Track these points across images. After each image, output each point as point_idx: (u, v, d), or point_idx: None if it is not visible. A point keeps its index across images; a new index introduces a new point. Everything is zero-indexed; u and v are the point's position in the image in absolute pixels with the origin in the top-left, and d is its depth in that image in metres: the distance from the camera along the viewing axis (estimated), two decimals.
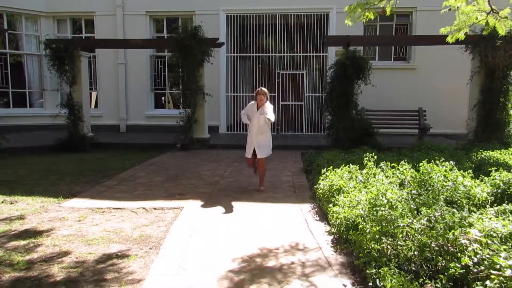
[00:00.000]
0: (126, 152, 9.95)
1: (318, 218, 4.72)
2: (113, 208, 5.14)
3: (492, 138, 8.93)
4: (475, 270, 2.58)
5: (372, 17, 5.66)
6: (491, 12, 5.48)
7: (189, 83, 10.33)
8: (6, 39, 13.64)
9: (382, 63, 13.09)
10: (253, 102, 6.01)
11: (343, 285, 3.03)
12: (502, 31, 5.75)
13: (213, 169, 7.86)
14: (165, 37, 13.64)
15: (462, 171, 5.14)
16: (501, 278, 2.31)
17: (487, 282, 2.38)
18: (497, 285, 2.31)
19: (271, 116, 5.70)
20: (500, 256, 2.51)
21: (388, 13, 5.43)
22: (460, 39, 5.91)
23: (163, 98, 15.08)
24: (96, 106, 14.48)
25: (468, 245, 2.86)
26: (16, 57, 14.14)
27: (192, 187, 6.35)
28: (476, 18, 5.61)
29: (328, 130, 10.44)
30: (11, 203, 5.33)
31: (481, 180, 5.05)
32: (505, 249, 2.84)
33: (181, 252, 3.66)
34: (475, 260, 2.67)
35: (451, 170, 5.14)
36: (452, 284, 2.66)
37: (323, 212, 4.83)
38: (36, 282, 3.05)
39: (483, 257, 2.66)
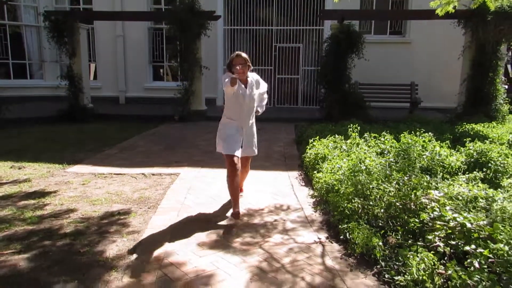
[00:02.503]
0: (125, 123, 10.27)
1: (303, 184, 5.12)
2: (114, 174, 5.52)
3: (479, 112, 9.25)
4: (430, 224, 2.98)
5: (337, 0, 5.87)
6: None
7: (186, 55, 10.54)
8: (5, 10, 13.70)
9: (378, 37, 13.23)
10: (228, 76, 3.72)
11: (318, 237, 3.44)
12: (492, 6, 5.97)
13: (209, 140, 8.20)
14: (163, 9, 13.71)
15: (439, 142, 5.50)
16: (446, 228, 2.70)
17: (436, 232, 2.78)
18: (443, 233, 2.70)
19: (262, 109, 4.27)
20: (447, 211, 2.90)
21: None
22: (450, 12, 6.10)
23: (161, 70, 15.27)
24: (95, 78, 14.70)
25: (427, 203, 3.25)
26: (15, 28, 14.23)
27: (189, 155, 6.72)
28: None
29: (321, 103, 10.76)
30: (19, 168, 5.71)
31: (457, 150, 5.42)
32: (461, 207, 3.24)
33: (176, 211, 4.07)
34: (432, 216, 3.07)
35: (429, 141, 5.50)
36: (410, 236, 3.07)
37: (309, 178, 5.22)
38: (48, 233, 3.46)
39: (439, 213, 3.05)
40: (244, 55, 3.81)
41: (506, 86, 19.42)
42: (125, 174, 5.52)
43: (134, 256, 3.06)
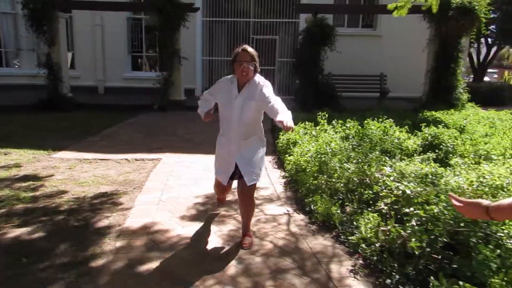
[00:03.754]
0: (105, 112, 10.48)
1: (276, 167, 5.59)
2: (99, 159, 5.85)
3: (442, 101, 9.93)
4: (381, 194, 3.49)
5: None
6: None
7: (165, 46, 10.81)
8: None
9: (350, 30, 13.78)
10: (229, 77, 3.15)
11: (287, 210, 3.92)
12: (435, 9, 6.54)
13: (189, 128, 8.58)
14: (142, 0, 13.85)
15: (399, 127, 6.05)
16: (391, 195, 3.21)
17: (385, 200, 3.29)
18: (389, 200, 3.21)
19: (288, 119, 2.67)
20: (392, 181, 3.41)
21: None
22: (402, 15, 6.62)
23: (139, 60, 15.42)
24: (72, 67, 14.71)
25: (380, 178, 3.76)
26: None
27: (169, 142, 7.09)
28: None
29: (296, 94, 11.26)
30: (5, 154, 5.97)
31: (415, 135, 5.99)
32: (410, 181, 3.76)
33: (160, 190, 4.47)
34: (383, 188, 3.58)
35: (390, 126, 6.04)
36: (364, 205, 3.57)
37: (281, 161, 5.69)
38: (43, 210, 3.81)
39: (390, 186, 3.56)
40: (251, 50, 2.99)
41: (472, 76, 20.47)
42: (109, 159, 5.86)
43: (125, 226, 3.46)
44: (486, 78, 25.09)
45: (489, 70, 31.06)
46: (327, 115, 6.40)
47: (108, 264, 2.81)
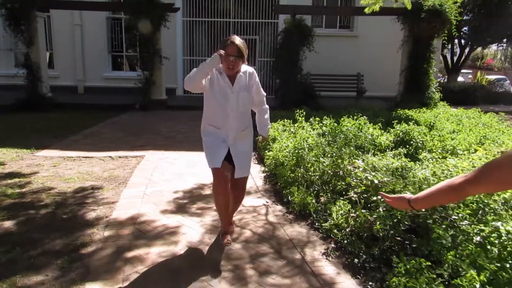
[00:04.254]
0: (86, 111, 10.51)
1: (256, 162, 5.83)
2: (83, 157, 5.96)
3: (415, 99, 10.36)
4: (352, 184, 3.76)
5: None
6: None
7: (146, 46, 10.91)
8: None
9: (328, 30, 14.14)
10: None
11: (266, 201, 4.16)
12: (409, 6, 6.90)
13: (170, 127, 8.73)
14: (122, 0, 13.87)
15: (372, 124, 6.38)
16: (361, 185, 3.49)
17: (355, 190, 3.57)
18: (360, 189, 3.49)
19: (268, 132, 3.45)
20: (361, 172, 3.70)
21: None
22: (375, 11, 6.96)
23: (119, 59, 15.42)
24: (51, 67, 14.59)
25: (352, 170, 4.04)
26: None
27: (152, 140, 7.23)
28: None
29: (276, 93, 11.52)
30: None
31: (387, 131, 6.32)
32: (381, 174, 4.05)
33: (145, 185, 4.64)
34: (354, 179, 3.86)
35: (364, 124, 6.36)
36: (337, 195, 3.84)
37: (261, 157, 5.93)
38: (31, 205, 3.94)
39: (360, 176, 3.85)
40: (239, 42, 2.86)
41: (446, 76, 21.18)
42: (93, 157, 5.98)
43: (112, 218, 3.64)
44: (460, 79, 25.99)
45: (464, 71, 32.16)
46: (304, 112, 6.67)
47: (98, 251, 2.99)
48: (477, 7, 17.43)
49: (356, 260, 2.82)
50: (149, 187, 4.58)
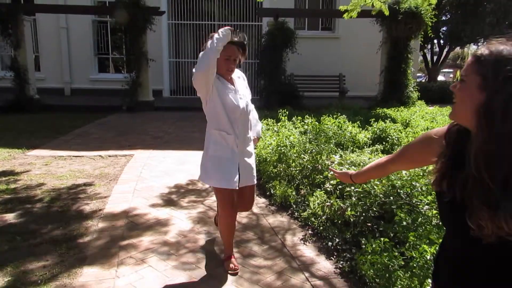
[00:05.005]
0: (74, 113, 10.65)
1: None
2: (73, 156, 6.16)
3: (394, 99, 10.77)
4: (329, 177, 4.08)
5: None
6: None
7: (132, 49, 11.10)
8: None
9: (311, 32, 14.51)
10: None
11: None
12: (386, 12, 7.26)
13: (158, 127, 8.95)
14: (107, 3, 14.00)
15: (351, 122, 6.72)
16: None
17: (332, 182, 3.88)
18: (336, 181, 3.80)
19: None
20: (337, 165, 4.01)
21: None
22: (353, 17, 7.30)
23: (105, 62, 15.53)
24: (38, 69, 14.64)
25: (330, 165, 4.35)
26: None
27: (140, 140, 7.45)
28: (365, 1, 7.04)
29: (261, 93, 11.82)
30: None
31: (366, 129, 6.67)
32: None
33: (135, 181, 4.88)
34: (331, 172, 4.17)
35: (344, 122, 6.70)
36: (316, 187, 4.15)
37: None
38: (26, 199, 4.15)
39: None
40: (237, 39, 2.60)
41: (427, 75, 21.78)
42: (84, 156, 6.18)
43: (105, 211, 3.87)
44: (442, 78, 26.71)
45: (445, 70, 33.00)
46: (287, 112, 6.98)
47: (93, 240, 3.24)
48: (454, 8, 18.07)
49: (330, 243, 3.13)
50: (139, 183, 4.82)
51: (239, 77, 2.89)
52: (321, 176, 4.19)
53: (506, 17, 17.27)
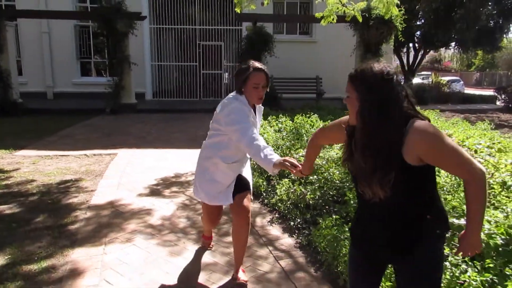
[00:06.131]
0: (58, 116, 10.89)
1: None
2: (59, 155, 6.48)
3: None
4: None
5: (254, 7, 7.34)
6: (345, 4, 7.43)
7: (115, 53, 11.42)
8: None
9: (289, 36, 15.07)
10: (239, 99, 2.54)
11: None
12: (360, 19, 7.80)
13: (140, 128, 9.30)
14: (89, 8, 14.27)
15: (322, 121, 7.22)
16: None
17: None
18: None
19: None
20: (301, 157, 4.47)
21: (265, 4, 7.12)
22: (331, 22, 7.81)
23: (88, 66, 15.75)
24: (20, 73, 14.77)
25: (297, 158, 4.82)
26: None
27: (124, 140, 7.79)
28: (338, 8, 7.56)
29: None
30: None
31: None
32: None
33: (119, 177, 5.25)
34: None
35: (316, 121, 7.19)
36: (284, 178, 4.59)
37: None
38: (18, 194, 4.49)
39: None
40: (263, 67, 2.55)
41: (403, 78, 22.59)
42: (69, 155, 6.51)
43: (92, 203, 4.24)
44: (420, 80, 27.57)
45: (424, 73, 34.03)
46: (263, 112, 7.43)
47: (82, 226, 3.61)
48: (426, 14, 18.89)
49: (292, 223, 3.58)
50: (123, 178, 5.20)
51: (260, 107, 2.73)
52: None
53: (475, 22, 18.13)
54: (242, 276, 2.71)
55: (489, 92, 20.16)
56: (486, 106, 16.51)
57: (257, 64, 2.52)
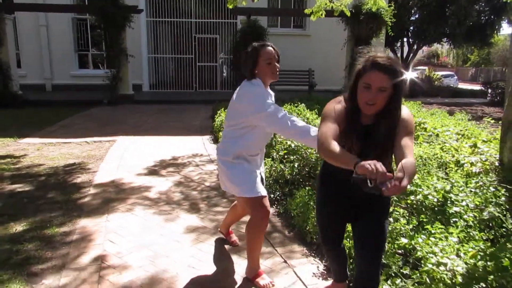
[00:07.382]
0: (57, 107, 11.28)
1: (212, 142, 6.99)
2: (62, 143, 6.91)
3: None
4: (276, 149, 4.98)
5: (245, 3, 7.74)
6: (332, 0, 7.84)
7: (112, 46, 11.79)
8: None
9: (283, 30, 15.45)
10: (256, 83, 2.49)
11: (216, 167, 5.33)
12: (348, 13, 8.21)
13: (138, 118, 9.73)
14: (86, 1, 14.60)
15: (309, 110, 7.67)
16: (283, 149, 4.72)
17: (279, 153, 4.79)
18: (283, 152, 4.71)
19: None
20: (284, 140, 4.93)
21: (255, 0, 7.52)
22: (320, 17, 8.22)
23: (85, 58, 16.09)
24: (18, 66, 15.10)
25: (280, 142, 5.26)
26: None
27: (122, 129, 8.22)
28: (326, 4, 7.97)
29: (234, 86, 12.70)
30: None
31: None
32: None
33: (118, 160, 5.70)
34: (281, 147, 5.07)
35: (303, 110, 7.64)
36: (269, 159, 5.05)
37: (216, 138, 7.08)
38: (27, 175, 4.92)
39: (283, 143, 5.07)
40: (269, 43, 2.52)
41: None
42: (71, 142, 6.94)
43: (95, 182, 4.69)
44: (415, 74, 27.94)
45: (420, 67, 34.42)
46: None
47: (89, 201, 4.06)
48: (419, 9, 19.26)
49: (272, 195, 4.04)
50: (122, 161, 5.64)
51: (272, 93, 2.62)
52: (273, 150, 5.10)
53: (466, 18, 18.48)
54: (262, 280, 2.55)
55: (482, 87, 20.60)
56: (475, 100, 16.96)
57: (268, 43, 2.48)
